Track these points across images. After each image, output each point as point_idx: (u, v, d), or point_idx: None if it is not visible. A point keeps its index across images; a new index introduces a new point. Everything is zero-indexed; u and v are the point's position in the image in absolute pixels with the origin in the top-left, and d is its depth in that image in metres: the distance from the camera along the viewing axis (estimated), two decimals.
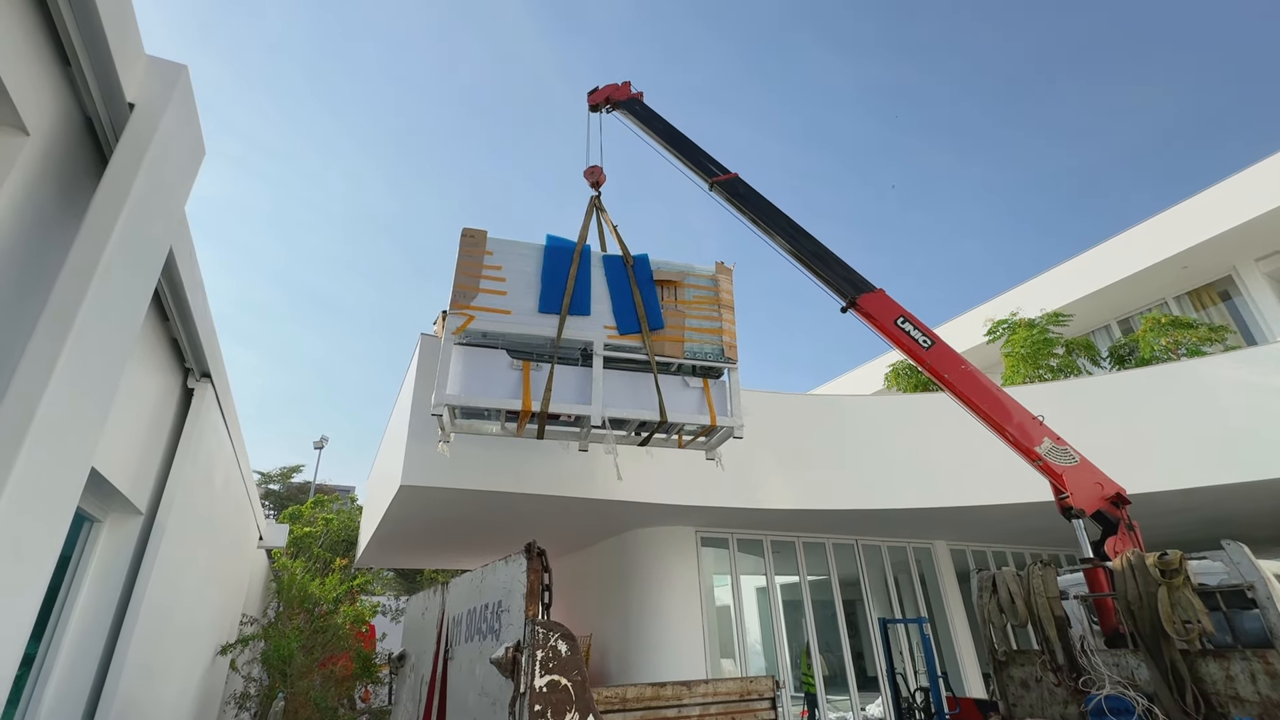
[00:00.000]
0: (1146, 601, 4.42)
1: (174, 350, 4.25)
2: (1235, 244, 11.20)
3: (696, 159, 7.51)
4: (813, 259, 6.80)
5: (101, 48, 2.15)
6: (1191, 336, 10.10)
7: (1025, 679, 5.38)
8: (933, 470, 9.07)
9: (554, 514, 8.61)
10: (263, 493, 24.25)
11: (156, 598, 4.16)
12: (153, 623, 4.22)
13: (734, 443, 8.55)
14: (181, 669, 5.58)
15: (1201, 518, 9.91)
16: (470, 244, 5.92)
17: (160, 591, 4.23)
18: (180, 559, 4.80)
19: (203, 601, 6.24)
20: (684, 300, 6.24)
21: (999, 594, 5.50)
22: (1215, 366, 8.90)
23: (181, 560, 4.86)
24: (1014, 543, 12.18)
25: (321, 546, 11.86)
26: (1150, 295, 12.81)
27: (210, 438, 5.14)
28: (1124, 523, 5.33)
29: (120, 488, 3.45)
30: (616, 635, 9.80)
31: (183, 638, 5.44)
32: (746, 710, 4.06)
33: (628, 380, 5.78)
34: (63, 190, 2.30)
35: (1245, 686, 4.06)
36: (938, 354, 6.19)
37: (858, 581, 11.03)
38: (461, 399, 5.29)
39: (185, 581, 5.19)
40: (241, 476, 7.61)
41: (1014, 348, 11.58)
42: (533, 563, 3.22)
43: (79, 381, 2.06)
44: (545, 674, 1.60)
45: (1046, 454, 5.68)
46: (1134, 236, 12.39)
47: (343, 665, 10.15)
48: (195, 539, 5.37)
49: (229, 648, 7.37)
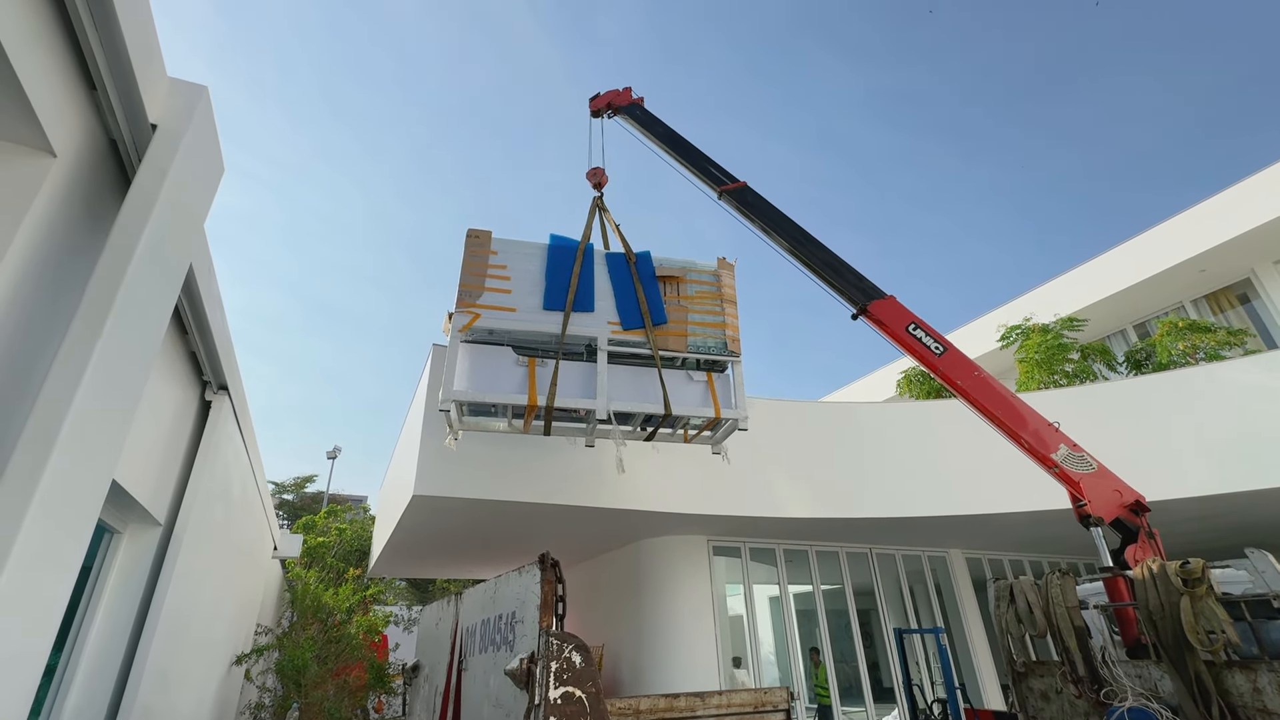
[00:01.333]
0: (1169, 611, 4.34)
1: (192, 363, 4.32)
2: (1254, 246, 11.04)
3: (701, 165, 7.53)
4: (823, 267, 6.79)
5: (126, 71, 2.21)
6: (1210, 340, 9.95)
7: (1045, 691, 5.28)
8: (947, 477, 8.97)
9: (566, 523, 8.61)
10: (277, 503, 24.44)
11: (174, 608, 4.21)
12: (171, 633, 4.27)
13: (746, 451, 8.57)
14: (198, 679, 5.62)
15: (1223, 525, 9.72)
16: (476, 244, 6.04)
17: (178, 602, 4.28)
18: (197, 570, 4.86)
19: (219, 612, 6.29)
20: (686, 295, 6.30)
21: (1017, 604, 5.41)
22: (1234, 371, 8.75)
23: (199, 571, 4.92)
24: (1031, 551, 12.01)
25: (334, 556, 11.93)
26: (1167, 299, 12.64)
27: (227, 449, 5.21)
28: (1144, 530, 5.24)
29: (140, 499, 3.51)
30: (629, 645, 9.75)
31: (199, 648, 5.50)
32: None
33: (632, 375, 5.87)
34: (88, 209, 2.36)
35: (1273, 699, 3.96)
36: (950, 360, 6.15)
37: (872, 591, 10.91)
38: (468, 395, 5.41)
39: (202, 592, 5.24)
40: (257, 487, 7.69)
41: (1028, 353, 11.47)
42: (546, 574, 3.23)
43: (103, 395, 2.11)
44: (560, 685, 1.60)
45: (1063, 461, 5.61)
46: (1149, 239, 12.25)
47: (356, 675, 10.18)
48: (212, 550, 5.43)
49: (244, 658, 7.41)
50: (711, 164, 7.54)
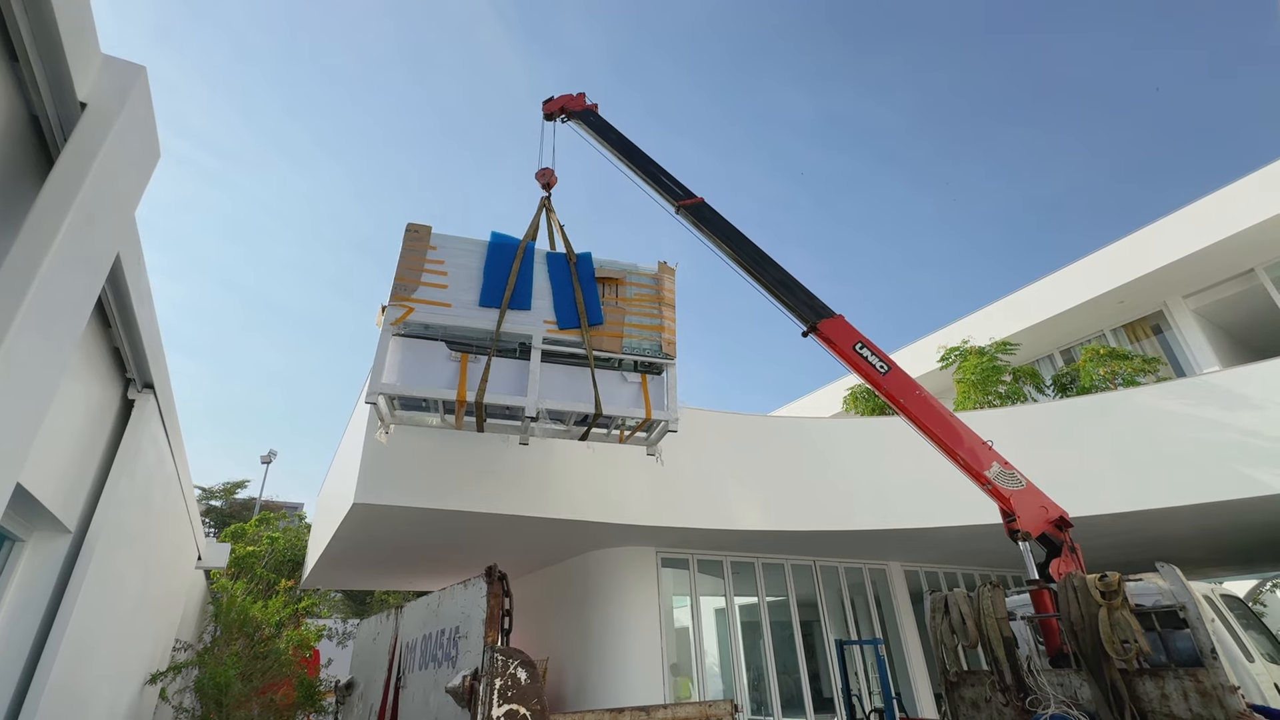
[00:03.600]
0: (1088, 622, 4.59)
1: (115, 359, 4.03)
2: (1165, 281, 11.98)
3: (656, 177, 7.60)
4: (776, 285, 6.94)
5: (53, 43, 2.06)
6: (1127, 367, 10.70)
7: (975, 699, 5.49)
8: (888, 492, 9.28)
9: (512, 534, 8.45)
10: (204, 509, 23.06)
11: (82, 622, 3.89)
12: (77, 650, 3.94)
13: (696, 462, 8.64)
14: (107, 699, 5.20)
15: (1137, 539, 10.40)
16: (414, 238, 5.99)
17: (86, 616, 3.95)
18: (110, 581, 4.49)
19: (133, 627, 5.85)
20: (625, 298, 6.37)
21: (950, 615, 5.62)
22: (1149, 396, 9.42)
23: (111, 582, 4.55)
24: (966, 564, 12.52)
25: (265, 567, 11.31)
26: (1090, 327, 13.55)
27: (150, 452, 4.89)
28: (1067, 545, 5.55)
29: (48, 505, 3.23)
30: (575, 658, 9.62)
31: (110, 665, 5.07)
32: None
33: (566, 374, 5.90)
34: (4, 190, 2.18)
35: (1179, 705, 4.24)
36: (894, 379, 6.38)
37: (815, 602, 11.13)
38: (398, 388, 5.37)
39: (116, 605, 4.86)
40: (182, 493, 7.22)
41: (965, 374, 12.04)
42: (494, 587, 3.14)
43: (10, 393, 1.94)
44: (504, 703, 1.55)
45: (995, 478, 5.89)
46: (1074, 271, 13.13)
47: (284, 693, 9.64)
48: (128, 559, 5.04)
49: (159, 676, 6.90)
50: (666, 176, 7.62)
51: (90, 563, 3.76)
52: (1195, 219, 11.42)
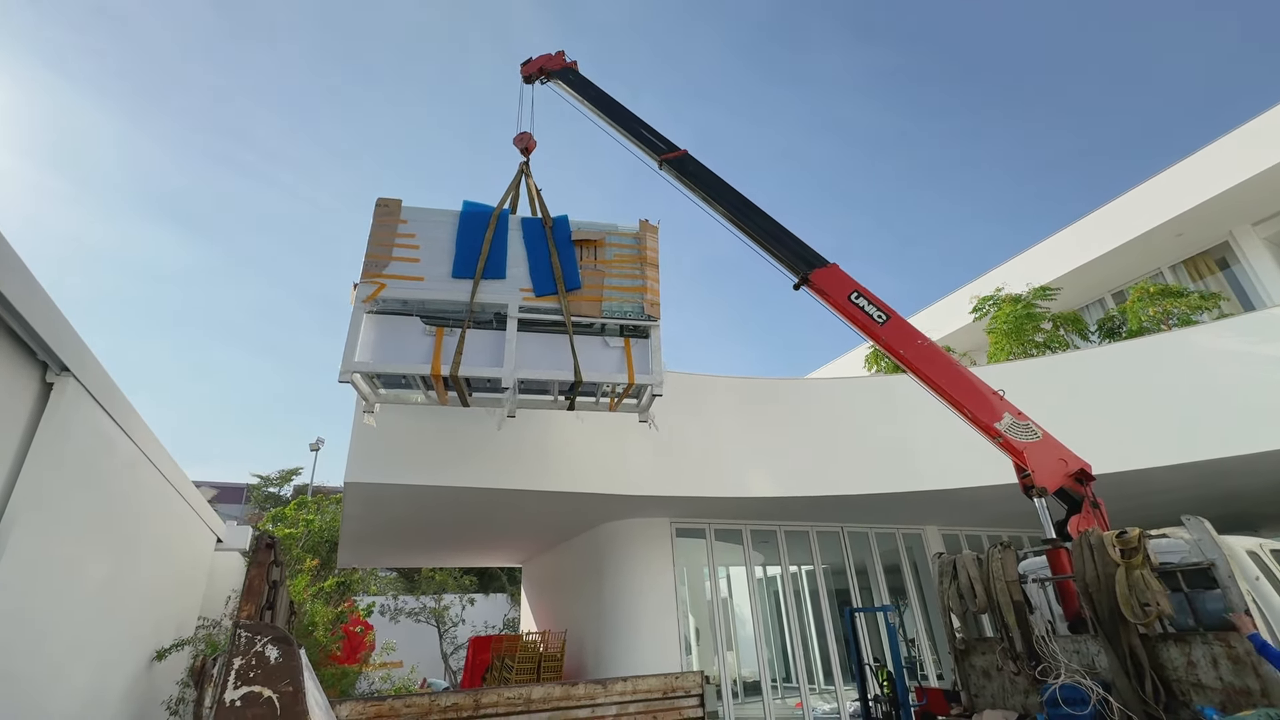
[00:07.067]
0: (1104, 583, 4.12)
1: (21, 344, 4.01)
2: (1231, 207, 10.67)
3: (636, 131, 7.22)
4: (764, 235, 6.51)
5: None
6: (1182, 305, 9.66)
7: (987, 668, 5.09)
8: (914, 453, 8.75)
9: (522, 509, 8.42)
10: (264, 497, 24.29)
11: (7, 607, 3.95)
12: (7, 631, 4.00)
13: (707, 430, 8.35)
14: (81, 676, 5.32)
15: (1200, 495, 9.50)
16: (384, 213, 5.89)
17: (10, 600, 4.00)
18: (49, 564, 4.55)
19: (110, 608, 5.95)
20: (604, 260, 6.12)
21: (959, 579, 5.21)
22: (1207, 336, 8.48)
23: (51, 566, 4.61)
24: (1007, 526, 11.80)
25: (301, 548, 11.76)
26: (1144, 265, 12.30)
27: (82, 435, 4.88)
28: (1088, 500, 5.02)
29: None
30: (593, 629, 9.61)
31: (72, 645, 5.16)
32: (671, 708, 3.82)
33: (546, 342, 5.72)
34: None
35: (1207, 672, 3.75)
36: (892, 329, 5.89)
37: (844, 570, 10.74)
38: (370, 366, 5.31)
39: (68, 588, 4.94)
40: (165, 477, 7.35)
41: (997, 323, 11.17)
42: (259, 555, 2.94)
43: None
44: (243, 684, 1.38)
45: (1007, 430, 5.37)
46: (1125, 203, 11.87)
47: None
48: (77, 543, 5.08)
49: (164, 653, 7.21)
50: (648, 129, 7.22)
51: (6, 546, 3.79)
52: (1264, 133, 10.09)
